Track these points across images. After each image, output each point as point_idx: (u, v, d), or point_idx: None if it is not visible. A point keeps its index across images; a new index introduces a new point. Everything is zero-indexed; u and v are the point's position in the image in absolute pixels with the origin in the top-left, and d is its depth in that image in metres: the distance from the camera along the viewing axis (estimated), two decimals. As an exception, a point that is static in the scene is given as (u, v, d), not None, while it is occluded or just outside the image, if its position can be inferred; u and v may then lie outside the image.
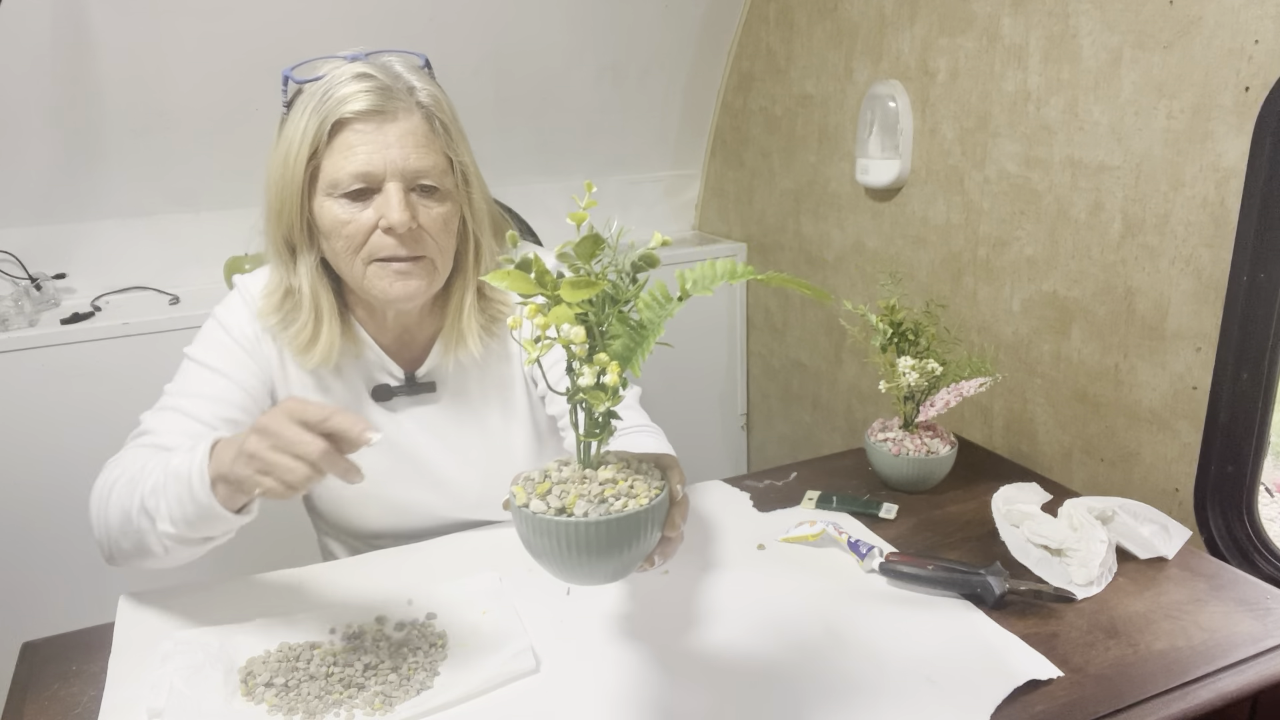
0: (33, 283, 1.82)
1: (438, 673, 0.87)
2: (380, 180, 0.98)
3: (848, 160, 1.86)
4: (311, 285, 1.05)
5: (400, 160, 0.98)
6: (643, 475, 0.72)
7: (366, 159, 0.97)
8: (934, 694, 0.84)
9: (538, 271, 0.67)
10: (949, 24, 1.56)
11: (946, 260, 1.64)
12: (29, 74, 1.66)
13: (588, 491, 0.68)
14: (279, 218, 1.02)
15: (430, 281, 1.03)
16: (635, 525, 0.67)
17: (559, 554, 0.67)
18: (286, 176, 1.00)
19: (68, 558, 1.79)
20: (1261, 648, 0.91)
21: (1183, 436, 1.26)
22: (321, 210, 1.00)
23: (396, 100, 0.98)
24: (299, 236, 1.03)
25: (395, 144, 0.98)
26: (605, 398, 0.68)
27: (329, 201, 0.99)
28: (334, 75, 0.99)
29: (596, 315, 0.68)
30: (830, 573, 1.05)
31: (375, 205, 0.99)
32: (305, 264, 1.04)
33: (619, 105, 2.21)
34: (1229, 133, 1.15)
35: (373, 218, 0.99)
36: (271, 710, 0.82)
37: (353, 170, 0.97)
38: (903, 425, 1.28)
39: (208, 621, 0.96)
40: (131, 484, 0.93)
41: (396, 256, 1.00)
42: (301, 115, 0.98)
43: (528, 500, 0.69)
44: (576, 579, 0.70)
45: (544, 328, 0.66)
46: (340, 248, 1.00)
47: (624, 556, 0.68)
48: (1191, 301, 1.23)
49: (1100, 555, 1.02)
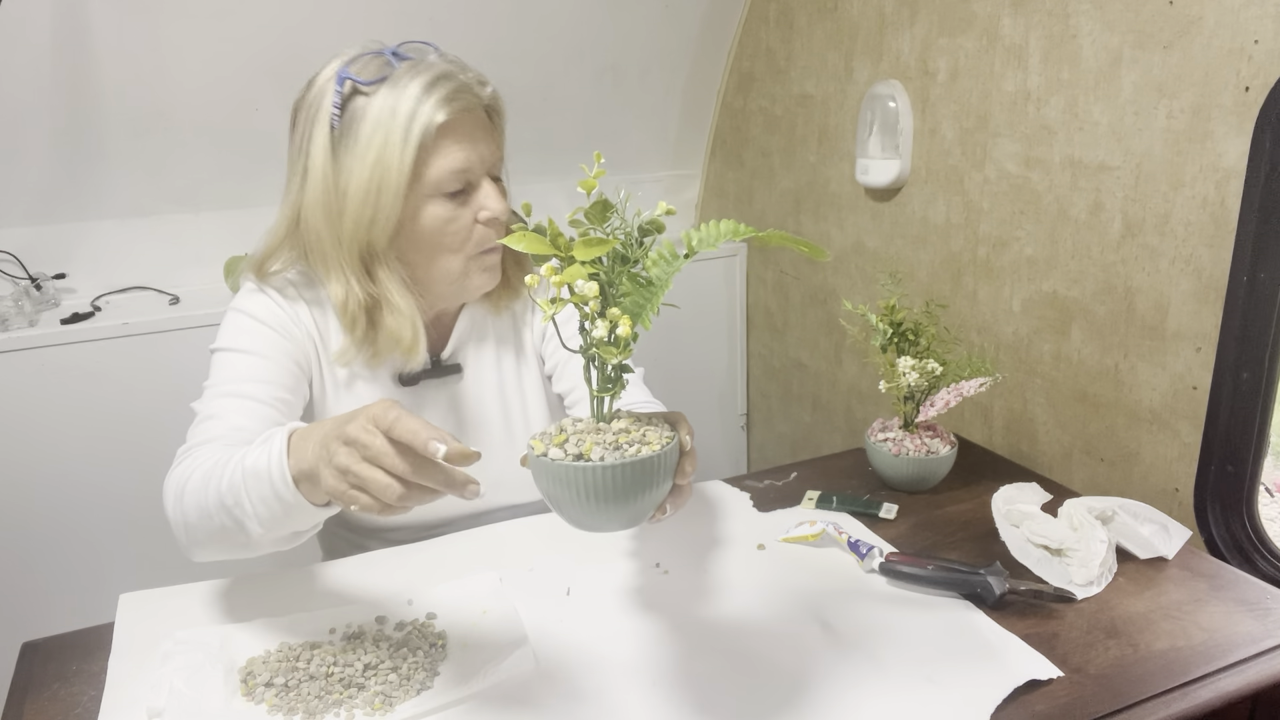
0: (33, 283, 1.82)
1: (438, 673, 0.87)
2: (476, 176, 1.03)
3: (848, 160, 1.86)
4: (400, 292, 1.05)
5: (489, 154, 1.04)
6: (654, 426, 0.75)
7: (465, 157, 1.01)
8: (934, 693, 0.84)
9: (552, 233, 0.71)
10: (949, 24, 1.56)
11: (946, 260, 1.64)
12: (29, 74, 1.66)
13: (603, 440, 0.71)
14: (370, 226, 1.01)
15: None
16: (649, 470, 0.70)
17: (577, 500, 0.70)
18: (387, 183, 0.99)
19: (68, 558, 1.79)
20: (1261, 648, 0.91)
21: (1183, 436, 1.26)
22: (423, 213, 1.02)
23: (475, 95, 1.03)
24: (384, 243, 1.02)
25: (482, 139, 1.03)
26: (617, 351, 0.71)
27: (431, 203, 1.01)
28: (412, 78, 0.98)
29: (607, 274, 0.72)
30: (830, 573, 1.05)
31: (470, 201, 1.03)
32: (386, 271, 1.04)
33: (619, 105, 2.21)
34: (1229, 133, 1.15)
35: (471, 213, 1.03)
36: (271, 710, 0.82)
37: (454, 168, 1.00)
38: (903, 425, 1.28)
39: (208, 621, 0.96)
40: (206, 480, 0.88)
41: (495, 248, 1.06)
42: (391, 120, 0.97)
43: (546, 450, 0.71)
44: (594, 525, 0.73)
45: (559, 285, 0.70)
46: (447, 244, 1.03)
47: (639, 502, 0.71)
48: (1191, 301, 1.22)
49: (1100, 555, 1.02)
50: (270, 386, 1.02)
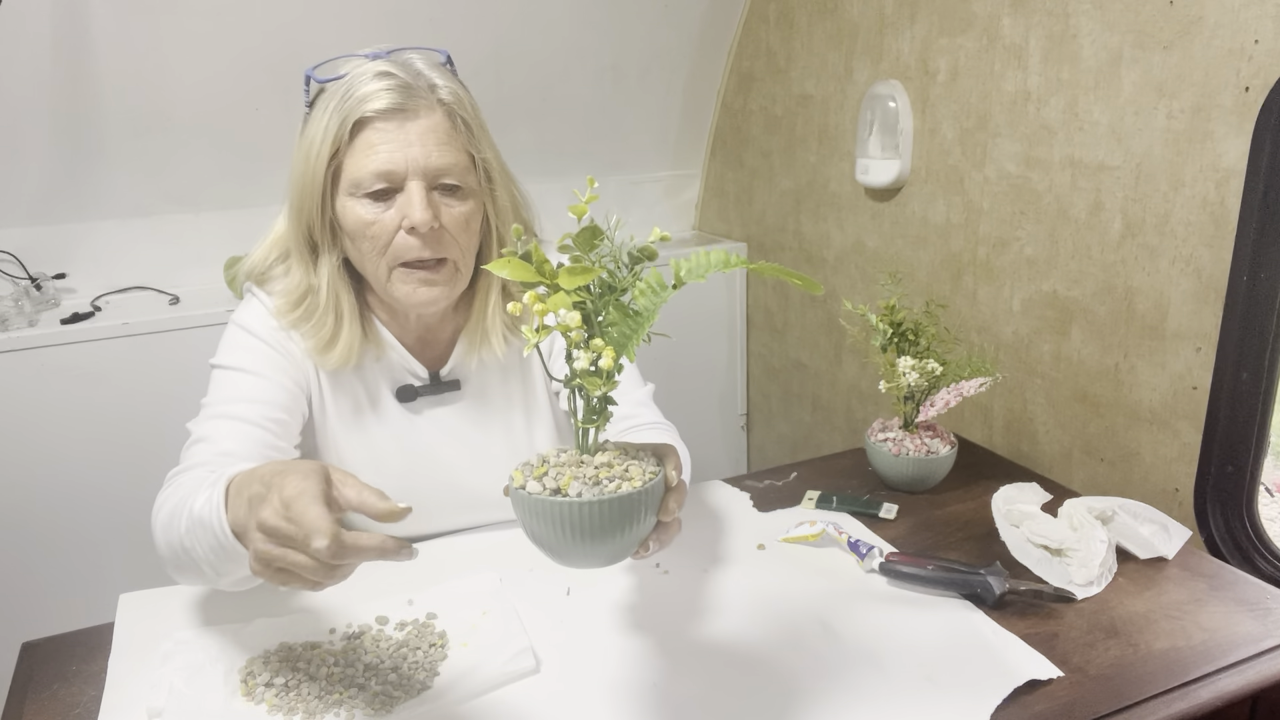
0: (33, 283, 1.82)
1: (437, 673, 0.87)
2: (402, 179, 0.97)
3: (848, 160, 1.86)
4: (331, 285, 1.04)
5: (422, 158, 0.97)
6: (638, 460, 0.73)
7: (388, 158, 0.96)
8: (934, 693, 0.84)
9: (537, 260, 0.69)
10: (949, 24, 1.56)
11: (946, 260, 1.64)
12: (29, 73, 1.66)
13: (583, 474, 0.70)
14: (300, 216, 1.02)
15: (452, 286, 1.03)
16: (628, 507, 0.68)
17: (554, 536, 0.69)
18: (308, 175, 0.99)
19: (68, 558, 1.79)
20: (1261, 648, 0.91)
21: (1183, 436, 1.26)
22: (345, 210, 0.99)
23: (418, 98, 0.98)
24: (321, 236, 1.02)
25: (416, 142, 0.97)
26: (601, 383, 0.69)
27: (352, 201, 0.99)
28: (355, 74, 0.98)
29: (594, 303, 0.69)
30: (830, 573, 1.05)
31: (398, 205, 0.98)
32: (326, 264, 1.03)
33: (619, 105, 2.21)
34: (1229, 133, 1.15)
35: (396, 218, 0.98)
36: (271, 710, 0.82)
37: (374, 169, 0.96)
38: (903, 425, 1.28)
39: (208, 621, 0.96)
40: (172, 516, 0.87)
41: (421, 260, 1.00)
42: (323, 114, 0.97)
43: (524, 483, 0.70)
44: (573, 562, 0.71)
45: (542, 314, 0.68)
46: (366, 249, 1.00)
47: (619, 540, 0.69)
48: (1191, 301, 1.22)
49: (1100, 555, 1.02)
50: (264, 407, 1.02)
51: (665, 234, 0.72)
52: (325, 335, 1.04)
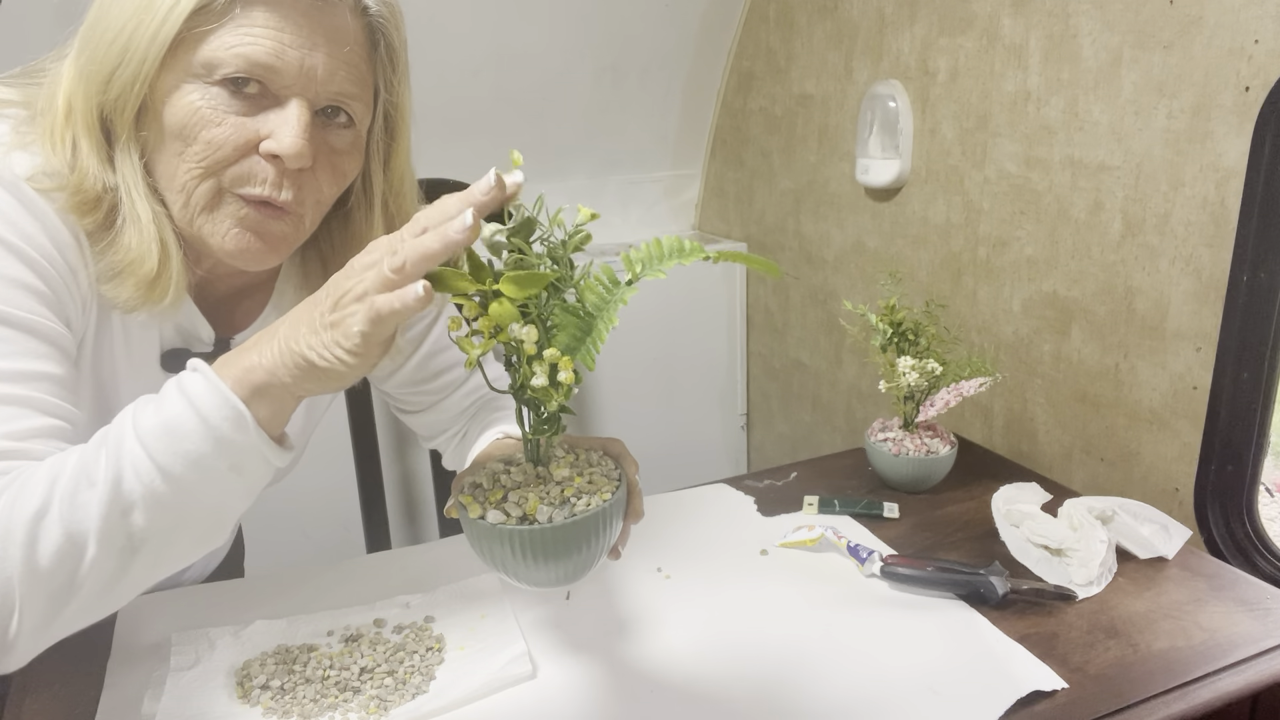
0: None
1: (434, 677, 0.87)
2: (284, 88, 0.73)
3: (848, 160, 1.86)
4: (146, 198, 0.75)
5: (323, 71, 0.73)
6: (596, 467, 0.69)
7: (277, 49, 0.71)
8: (937, 704, 0.83)
9: (473, 264, 0.59)
10: (949, 24, 1.56)
11: (946, 260, 1.64)
12: (28, 75, 1.66)
13: (547, 494, 0.65)
14: (108, 82, 0.72)
15: (290, 244, 0.80)
16: (601, 521, 0.65)
17: (520, 562, 0.64)
18: (143, 30, 0.70)
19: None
20: (1261, 648, 0.91)
21: (1183, 436, 1.26)
22: (175, 96, 0.72)
23: None
24: (123, 120, 0.73)
25: (323, 45, 0.73)
26: (559, 395, 0.61)
27: (191, 86, 0.72)
28: None
29: (537, 307, 0.60)
30: (831, 578, 1.04)
31: (265, 119, 0.73)
32: (127, 161, 0.74)
33: (619, 105, 2.21)
34: (1229, 133, 1.15)
35: (252, 132, 0.73)
36: (267, 713, 0.82)
37: (252, 56, 0.71)
38: (903, 425, 1.28)
39: (207, 622, 0.96)
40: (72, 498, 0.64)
41: (265, 200, 0.75)
42: None
43: (484, 512, 0.64)
44: (540, 583, 0.67)
45: (486, 330, 0.59)
46: (190, 157, 0.73)
47: (588, 552, 0.66)
48: (1191, 301, 1.22)
49: (1100, 555, 1.02)
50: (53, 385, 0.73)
51: (595, 213, 0.61)
52: (151, 267, 0.75)
